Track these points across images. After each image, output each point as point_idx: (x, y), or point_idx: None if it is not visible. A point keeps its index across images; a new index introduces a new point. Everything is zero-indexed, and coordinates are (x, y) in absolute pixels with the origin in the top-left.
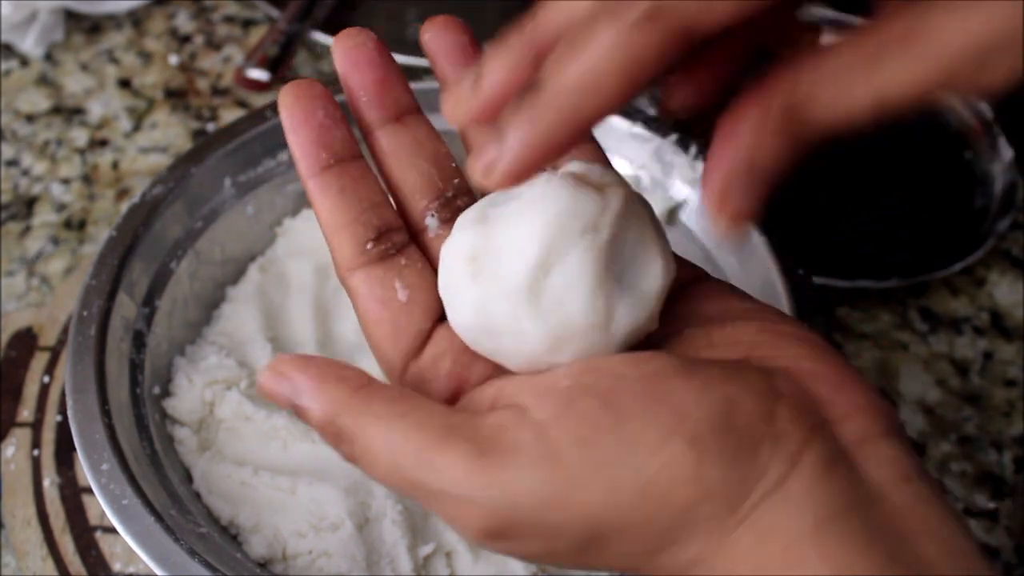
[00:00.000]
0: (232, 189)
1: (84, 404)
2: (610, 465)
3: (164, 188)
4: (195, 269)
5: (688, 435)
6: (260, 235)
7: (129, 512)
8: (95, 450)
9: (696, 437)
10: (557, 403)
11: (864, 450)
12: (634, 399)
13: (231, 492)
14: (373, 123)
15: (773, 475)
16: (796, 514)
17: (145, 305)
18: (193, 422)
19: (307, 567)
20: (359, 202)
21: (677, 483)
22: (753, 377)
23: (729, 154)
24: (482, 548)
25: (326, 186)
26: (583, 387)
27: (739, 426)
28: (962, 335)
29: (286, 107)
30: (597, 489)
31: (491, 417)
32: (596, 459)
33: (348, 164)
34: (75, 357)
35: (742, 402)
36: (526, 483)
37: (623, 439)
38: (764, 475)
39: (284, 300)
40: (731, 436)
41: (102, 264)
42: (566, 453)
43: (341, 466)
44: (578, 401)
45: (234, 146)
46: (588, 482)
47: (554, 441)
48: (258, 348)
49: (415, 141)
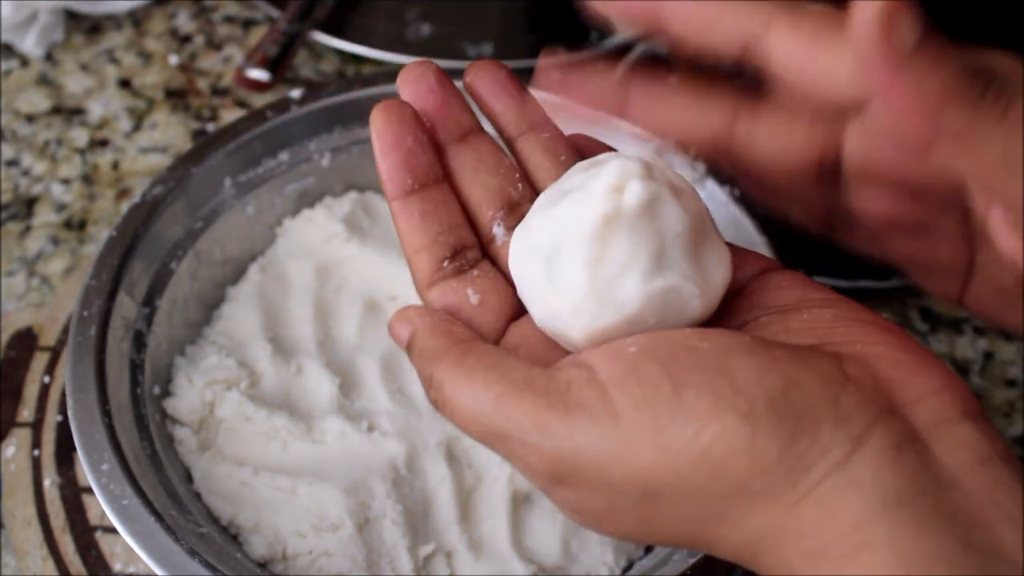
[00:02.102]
0: (232, 189)
1: (84, 404)
2: (664, 430)
3: (164, 188)
4: (195, 269)
5: (744, 409)
6: (260, 235)
7: (129, 512)
8: (95, 450)
9: (752, 411)
10: (623, 367)
11: (938, 433)
12: (695, 370)
13: (231, 492)
14: (440, 145)
15: (836, 454)
16: (861, 495)
17: (145, 305)
18: (193, 422)
19: (307, 567)
20: (439, 225)
21: (731, 454)
22: (821, 361)
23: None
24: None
25: (409, 209)
26: (648, 352)
27: (799, 406)
28: (962, 335)
29: (377, 129)
30: (651, 451)
31: (564, 372)
32: (652, 423)
33: (431, 189)
34: (75, 357)
35: (805, 383)
36: (587, 438)
37: (679, 407)
38: (826, 454)
39: (284, 300)
40: (789, 414)
41: (102, 264)
42: (624, 415)
43: (341, 466)
44: (642, 366)
45: (234, 146)
46: (643, 444)
47: (615, 402)
48: (258, 348)
49: (477, 157)
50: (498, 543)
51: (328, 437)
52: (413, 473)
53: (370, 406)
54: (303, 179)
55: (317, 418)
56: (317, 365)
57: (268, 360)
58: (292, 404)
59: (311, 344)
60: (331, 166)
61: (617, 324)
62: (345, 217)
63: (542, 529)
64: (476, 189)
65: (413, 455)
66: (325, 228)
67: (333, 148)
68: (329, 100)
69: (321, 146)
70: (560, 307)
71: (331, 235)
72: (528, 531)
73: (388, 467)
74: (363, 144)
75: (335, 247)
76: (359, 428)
